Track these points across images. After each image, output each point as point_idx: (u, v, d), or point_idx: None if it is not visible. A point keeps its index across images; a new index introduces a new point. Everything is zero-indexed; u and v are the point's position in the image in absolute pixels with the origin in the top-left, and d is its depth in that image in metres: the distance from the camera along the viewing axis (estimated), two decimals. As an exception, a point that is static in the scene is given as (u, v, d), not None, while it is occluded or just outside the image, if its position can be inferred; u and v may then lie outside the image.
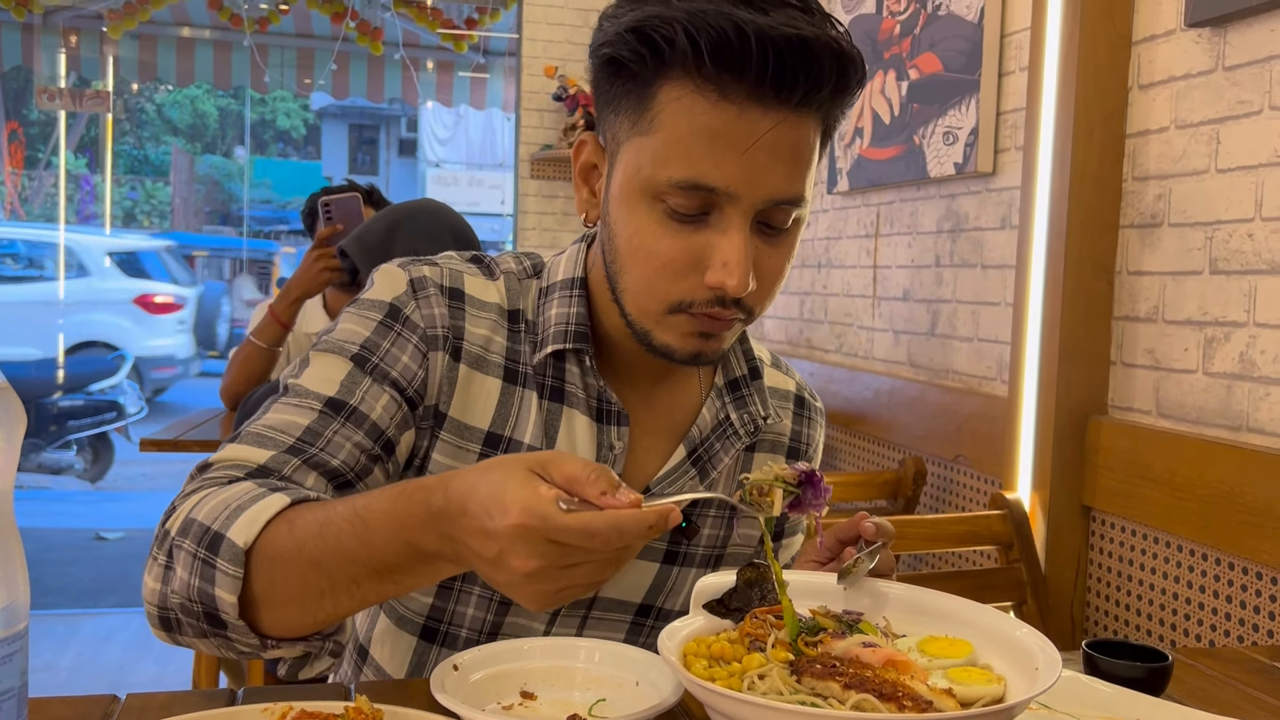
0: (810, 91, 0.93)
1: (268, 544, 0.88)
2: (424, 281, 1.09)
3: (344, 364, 1.05)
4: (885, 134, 2.78)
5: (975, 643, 0.99)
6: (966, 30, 2.43)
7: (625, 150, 0.99)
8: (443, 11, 6.25)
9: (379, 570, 0.86)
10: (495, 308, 1.11)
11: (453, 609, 1.13)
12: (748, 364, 1.21)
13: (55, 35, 7.12)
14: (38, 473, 7.64)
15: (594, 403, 1.11)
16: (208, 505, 0.91)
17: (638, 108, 0.97)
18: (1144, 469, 1.87)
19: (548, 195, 5.02)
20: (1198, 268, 1.81)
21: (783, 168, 0.95)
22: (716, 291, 0.97)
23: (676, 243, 0.97)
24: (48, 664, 4.06)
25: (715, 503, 1.19)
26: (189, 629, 0.91)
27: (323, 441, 1.00)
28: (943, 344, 2.58)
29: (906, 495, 2.51)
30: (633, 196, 0.98)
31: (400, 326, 1.06)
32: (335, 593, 0.88)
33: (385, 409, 1.04)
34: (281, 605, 0.90)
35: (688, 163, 0.94)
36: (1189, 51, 1.84)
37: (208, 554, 0.88)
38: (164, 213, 23.38)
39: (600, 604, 1.16)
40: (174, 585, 0.90)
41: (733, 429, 1.17)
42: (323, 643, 0.94)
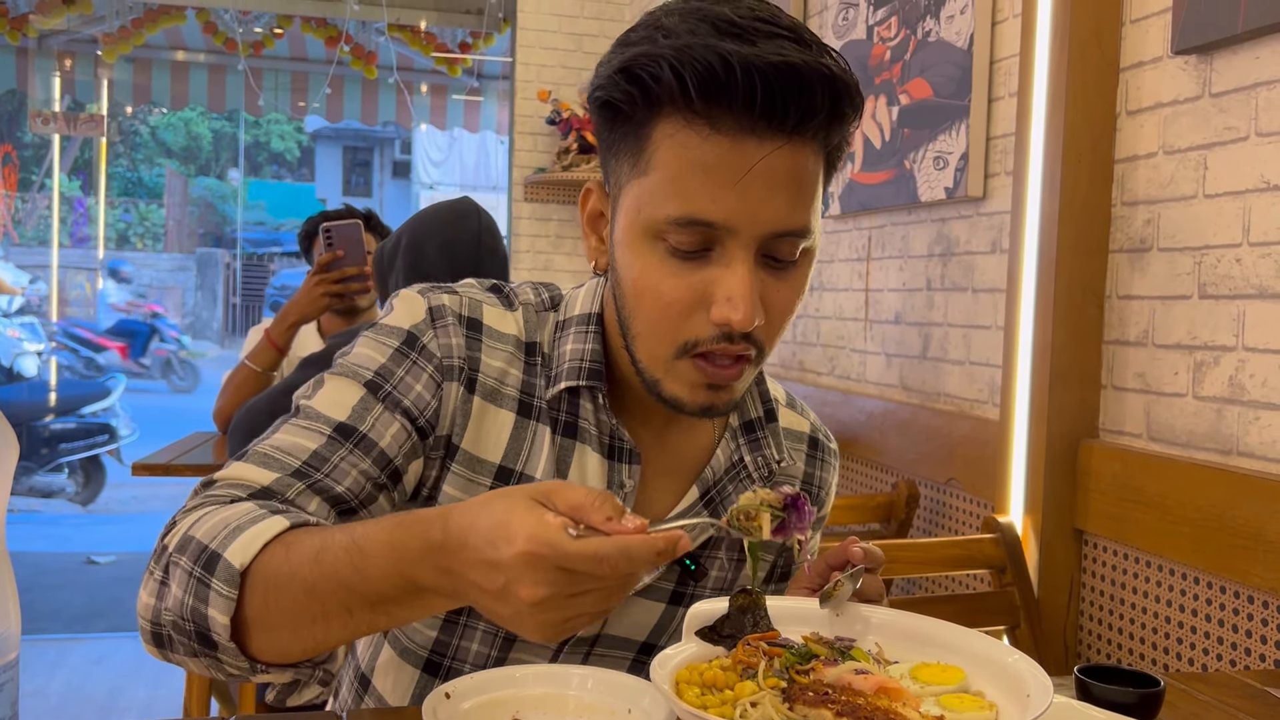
0: (803, 119, 0.92)
1: (264, 567, 0.87)
2: (442, 310, 1.08)
3: (357, 389, 1.04)
4: (876, 159, 2.79)
5: (967, 669, 1.00)
6: (956, 56, 2.45)
7: (626, 193, 0.99)
8: (436, 36, 6.28)
9: (372, 601, 0.86)
10: (512, 339, 1.11)
11: (456, 643, 1.13)
12: (763, 406, 1.20)
13: (50, 59, 7.14)
14: (29, 496, 7.61)
15: (606, 440, 1.10)
16: (207, 524, 0.90)
17: (634, 149, 0.97)
18: (1135, 492, 1.88)
19: (541, 218, 5.04)
20: (1187, 292, 1.83)
21: (782, 198, 0.94)
22: (722, 327, 0.95)
23: (680, 281, 0.96)
24: (38, 689, 4.03)
25: (724, 544, 1.18)
26: (180, 647, 0.90)
27: (329, 467, 1.00)
28: (935, 367, 2.59)
29: (899, 519, 2.51)
30: (635, 238, 0.98)
31: (416, 355, 1.06)
32: (328, 620, 0.87)
33: (395, 438, 1.03)
34: (273, 629, 0.89)
35: (684, 199, 0.93)
36: (1176, 78, 1.86)
37: (203, 573, 0.88)
38: (157, 235, 23.40)
39: (604, 641, 1.15)
40: (168, 602, 0.90)
41: (746, 472, 1.16)
42: (312, 670, 0.93)
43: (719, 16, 0.91)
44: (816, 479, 1.26)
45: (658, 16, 0.96)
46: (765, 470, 1.17)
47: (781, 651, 0.98)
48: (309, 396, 1.05)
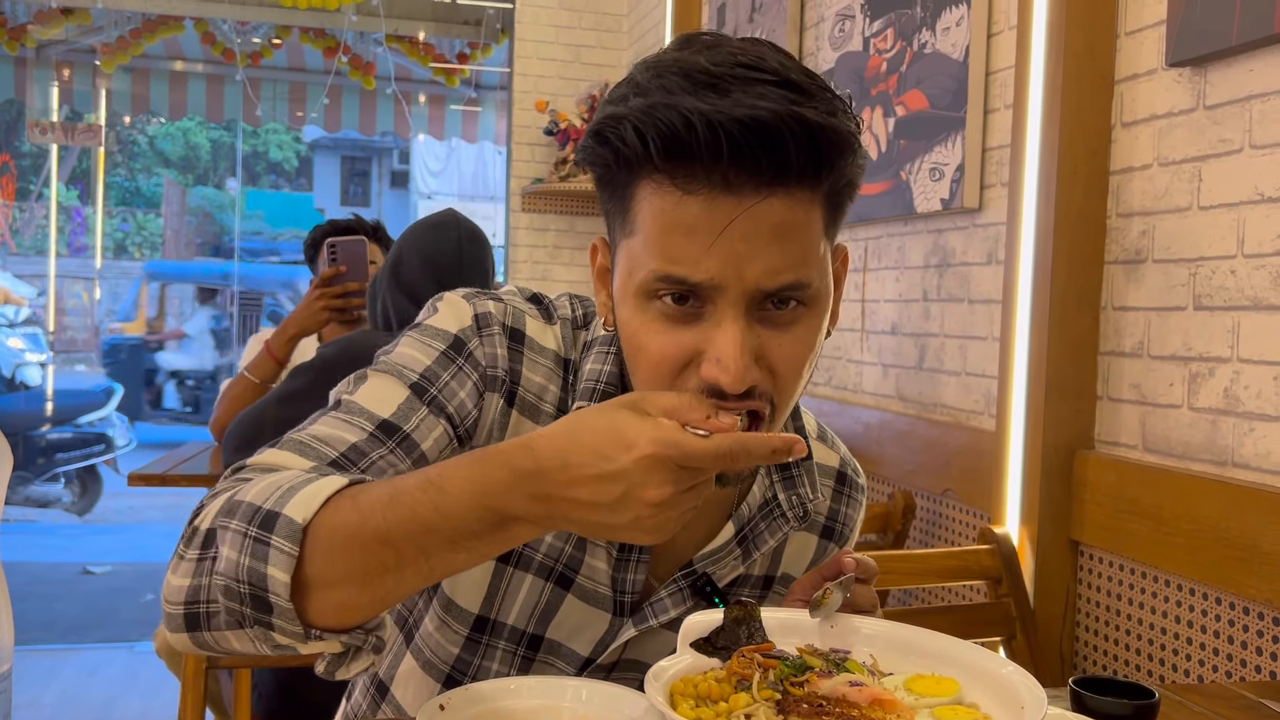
0: (780, 172, 0.88)
1: (328, 519, 0.84)
2: (488, 318, 1.06)
3: (402, 389, 1.01)
4: (873, 170, 2.80)
5: (962, 681, 1.00)
6: (952, 68, 2.46)
7: (620, 252, 0.97)
8: (434, 46, 6.30)
9: (454, 539, 0.83)
10: (553, 355, 1.09)
11: (478, 663, 1.12)
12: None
13: (48, 69, 7.15)
14: (25, 505, 7.59)
15: None
16: (255, 488, 0.87)
17: (622, 210, 0.95)
18: (1131, 504, 1.88)
19: (539, 228, 5.05)
20: (1181, 303, 1.83)
21: (766, 255, 0.89)
22: (712, 387, 0.91)
23: (670, 340, 0.93)
24: (32, 700, 4.02)
25: (750, 581, 1.17)
26: (226, 619, 0.85)
27: (366, 462, 0.97)
28: (931, 378, 2.59)
29: (896, 529, 2.51)
30: (629, 298, 0.96)
31: (463, 361, 1.04)
32: (401, 568, 0.84)
33: (437, 442, 1.01)
34: (338, 585, 0.84)
35: (667, 260, 0.91)
36: (1170, 90, 1.87)
37: (260, 532, 0.83)
38: (155, 244, 23.39)
39: (623, 666, 1.14)
40: (220, 567, 0.84)
41: (780, 511, 1.14)
42: (365, 636, 0.88)
43: (694, 68, 0.88)
44: (841, 515, 1.24)
45: (638, 70, 0.94)
46: (800, 510, 1.14)
47: (776, 663, 0.98)
48: (350, 391, 1.02)
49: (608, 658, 1.12)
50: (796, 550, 1.21)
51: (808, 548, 1.22)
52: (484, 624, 1.10)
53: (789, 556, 1.20)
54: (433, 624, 1.11)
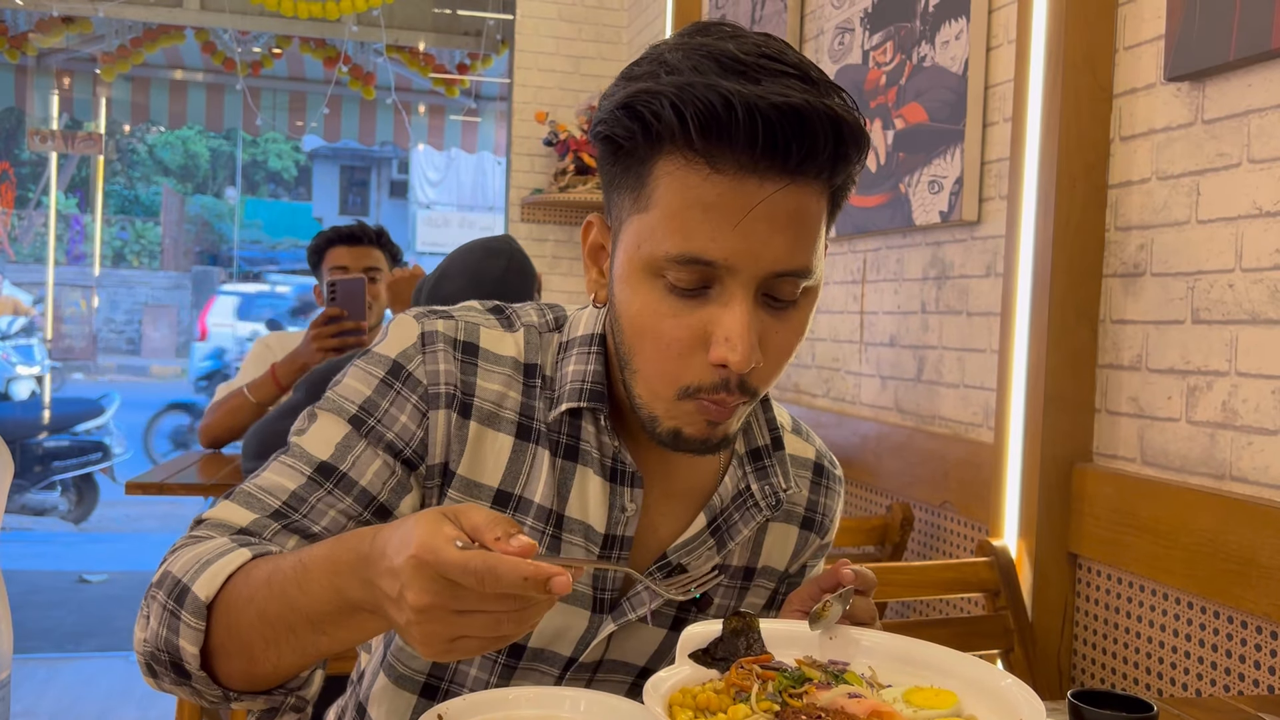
0: (805, 160, 0.91)
1: (227, 596, 0.91)
2: (434, 336, 1.07)
3: (342, 425, 1.05)
4: (872, 182, 2.81)
5: (960, 693, 1.00)
6: (951, 81, 2.46)
7: (626, 228, 0.98)
8: (435, 57, 6.31)
9: (313, 619, 0.88)
10: (510, 361, 1.09)
11: (454, 668, 1.12)
12: (770, 433, 1.18)
13: (48, 77, 7.16)
14: (21, 514, 7.57)
15: (608, 463, 1.09)
16: (183, 559, 0.95)
17: (636, 185, 0.96)
18: (1129, 517, 1.88)
19: (538, 239, 5.05)
20: (1180, 317, 1.83)
21: (783, 238, 0.92)
22: (720, 371, 0.95)
23: (678, 321, 0.95)
24: (28, 709, 4.01)
25: (729, 572, 1.18)
26: (164, 676, 0.95)
27: (306, 508, 1.02)
28: (929, 390, 2.60)
29: (894, 542, 2.51)
30: (635, 274, 0.97)
31: (400, 385, 1.05)
32: (278, 643, 0.90)
33: (377, 475, 1.04)
34: (233, 656, 0.92)
35: (684, 237, 0.92)
36: (1169, 105, 1.87)
37: (175, 605, 0.92)
38: (154, 252, 23.40)
39: (605, 666, 1.14)
40: (147, 634, 0.94)
41: (753, 500, 1.15)
42: (285, 697, 0.96)
43: (723, 53, 0.91)
44: (820, 506, 1.24)
45: (662, 51, 0.95)
46: (773, 499, 1.15)
47: (775, 674, 0.98)
48: (301, 432, 1.06)
49: (589, 656, 1.12)
50: (777, 541, 1.21)
51: (789, 539, 1.22)
52: None
53: (769, 548, 1.20)
54: (402, 640, 1.12)
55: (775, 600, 1.25)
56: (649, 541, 1.12)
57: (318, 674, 0.99)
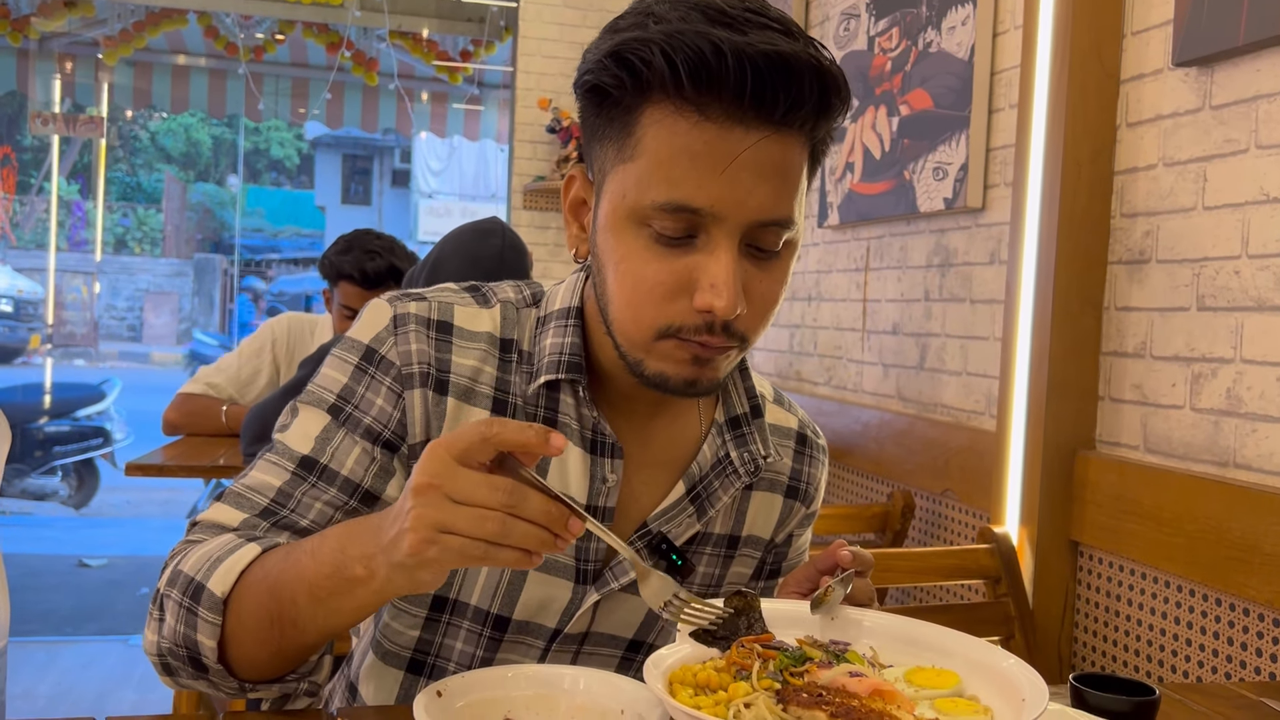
0: (791, 109, 0.92)
1: (242, 587, 0.94)
2: (406, 318, 1.08)
3: (321, 417, 1.06)
4: (876, 169, 2.80)
5: (962, 673, 0.99)
6: (957, 68, 2.45)
7: (611, 179, 0.98)
8: (438, 43, 6.29)
9: (313, 587, 0.90)
10: (486, 336, 1.09)
11: (440, 641, 1.12)
12: (749, 401, 1.18)
13: (50, 61, 7.13)
14: (22, 499, 7.57)
15: (588, 434, 1.09)
16: (192, 559, 0.98)
17: (621, 134, 0.97)
18: (1131, 504, 1.87)
19: (540, 226, 5.04)
20: (1185, 304, 1.82)
21: (767, 187, 0.94)
22: (705, 316, 0.95)
23: (664, 266, 0.95)
24: (27, 691, 4.01)
25: (712, 540, 1.17)
26: (182, 673, 0.98)
27: (293, 503, 1.03)
28: (932, 378, 2.59)
29: (895, 529, 2.51)
30: (619, 223, 0.97)
31: (374, 369, 1.06)
32: (280, 621, 0.93)
33: (358, 462, 1.05)
34: (243, 644, 0.96)
35: (670, 185, 0.93)
36: (1176, 90, 1.86)
37: (191, 603, 0.95)
38: (155, 239, 23.40)
39: (592, 639, 1.14)
40: (164, 632, 0.97)
41: (732, 468, 1.15)
42: (298, 683, 0.99)
43: (709, 5, 0.92)
44: (805, 475, 1.24)
45: (648, 4, 0.96)
46: (752, 466, 1.15)
47: (776, 654, 0.97)
48: (284, 428, 1.08)
49: (575, 627, 1.12)
50: (761, 510, 1.21)
51: (773, 507, 1.22)
52: (443, 603, 1.10)
53: (754, 516, 1.20)
54: (389, 615, 1.12)
55: (762, 571, 1.24)
56: (630, 512, 1.12)
57: (326, 659, 1.02)
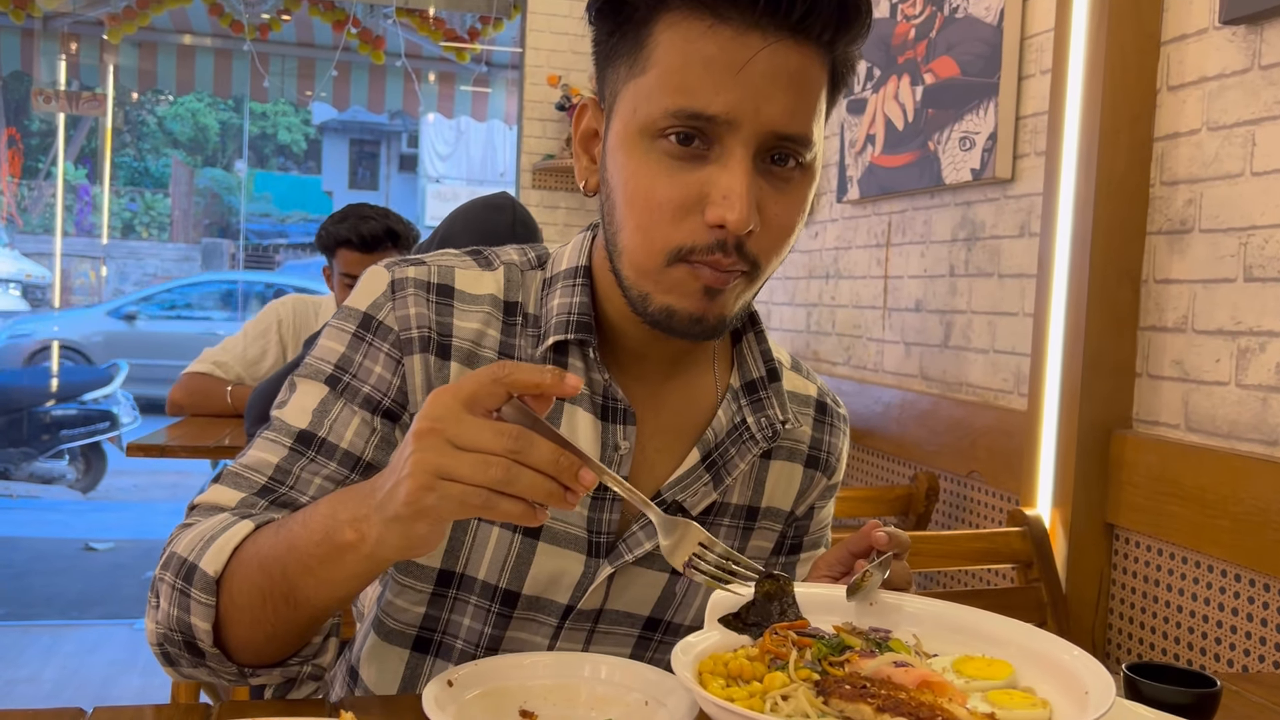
0: (808, 15, 0.89)
1: (233, 567, 0.91)
2: (404, 283, 1.04)
3: (319, 389, 1.03)
4: (898, 140, 2.71)
5: (1015, 663, 0.92)
6: (985, 33, 2.36)
7: (622, 98, 0.95)
8: (445, 21, 6.21)
9: (302, 556, 0.86)
10: (489, 299, 1.06)
11: (447, 618, 1.07)
12: (766, 365, 1.13)
13: (55, 41, 7.08)
14: (29, 482, 7.55)
15: (598, 399, 1.05)
16: (185, 539, 0.94)
17: (633, 49, 0.94)
18: (1172, 485, 1.80)
19: (549, 205, 4.97)
20: (1231, 275, 1.74)
21: (783, 97, 0.90)
22: (717, 233, 0.91)
23: (675, 181, 0.91)
24: (33, 675, 3.97)
25: (729, 511, 1.12)
26: (181, 660, 0.94)
27: (292, 479, 1.00)
28: (957, 356, 2.51)
29: (919, 512, 2.43)
30: (630, 140, 0.94)
31: (372, 336, 1.03)
32: (272, 596, 0.89)
33: (357, 434, 1.01)
34: (238, 622, 0.92)
35: (683, 92, 0.90)
36: (1222, 50, 1.77)
37: (184, 584, 0.92)
38: (163, 224, 23.40)
39: (607, 616, 1.09)
40: (159, 618, 0.93)
41: (749, 434, 1.10)
42: (300, 666, 0.95)
43: None
44: (825, 444, 1.19)
45: None
46: (769, 432, 1.10)
47: (812, 642, 0.90)
48: (282, 404, 1.04)
49: (588, 603, 1.07)
50: (780, 480, 1.16)
51: (794, 478, 1.17)
52: (449, 578, 1.06)
53: (773, 486, 1.15)
54: (392, 592, 1.08)
55: (783, 545, 1.20)
56: (645, 480, 1.08)
57: (331, 641, 0.98)
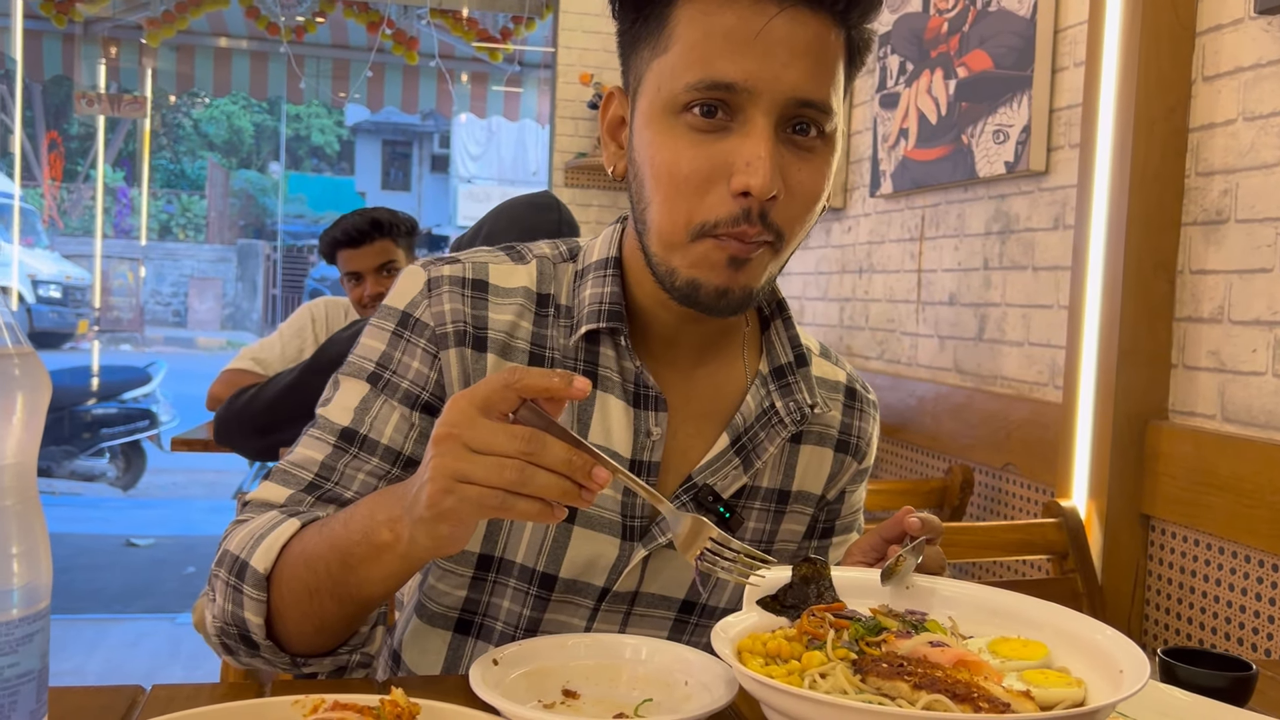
0: None
1: (282, 563, 0.95)
2: (440, 280, 1.07)
3: (361, 387, 1.06)
4: (931, 134, 2.71)
5: (1050, 644, 0.93)
6: (1018, 26, 2.36)
7: (647, 79, 0.98)
8: (478, 21, 6.25)
9: (344, 554, 0.90)
10: (522, 291, 1.08)
11: (487, 600, 1.10)
12: (794, 350, 1.15)
13: (95, 45, 7.19)
14: (70, 479, 7.67)
15: (630, 387, 1.07)
16: (238, 537, 0.99)
17: (656, 32, 0.97)
18: (1208, 475, 1.79)
19: (582, 204, 5.00)
20: (1267, 265, 1.74)
21: (802, 64, 0.93)
22: (742, 202, 0.93)
23: (699, 153, 0.94)
24: (77, 667, 4.05)
25: (761, 494, 1.14)
26: (239, 650, 0.99)
27: (336, 475, 1.03)
28: (991, 349, 2.51)
29: (953, 505, 2.44)
30: (655, 118, 0.96)
31: (410, 333, 1.06)
32: (320, 591, 0.93)
33: (397, 429, 1.04)
34: (286, 618, 0.96)
35: (704, 65, 0.93)
36: (1258, 40, 1.77)
37: (236, 581, 0.96)
38: (199, 226, 23.66)
39: (642, 599, 1.11)
40: (215, 612, 0.98)
41: (778, 417, 1.12)
42: (350, 654, 0.99)
43: None
44: (855, 429, 1.21)
45: None
46: (798, 415, 1.12)
47: (849, 624, 0.92)
48: (326, 402, 1.07)
49: (623, 585, 1.09)
50: (811, 464, 1.17)
51: (824, 462, 1.18)
52: (489, 562, 1.09)
53: (804, 470, 1.17)
54: (434, 576, 1.11)
55: (815, 529, 1.21)
56: (677, 465, 1.10)
57: (379, 630, 1.02)
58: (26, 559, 0.71)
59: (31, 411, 0.72)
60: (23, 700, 0.70)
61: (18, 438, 0.71)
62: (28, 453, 0.72)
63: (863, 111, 3.24)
